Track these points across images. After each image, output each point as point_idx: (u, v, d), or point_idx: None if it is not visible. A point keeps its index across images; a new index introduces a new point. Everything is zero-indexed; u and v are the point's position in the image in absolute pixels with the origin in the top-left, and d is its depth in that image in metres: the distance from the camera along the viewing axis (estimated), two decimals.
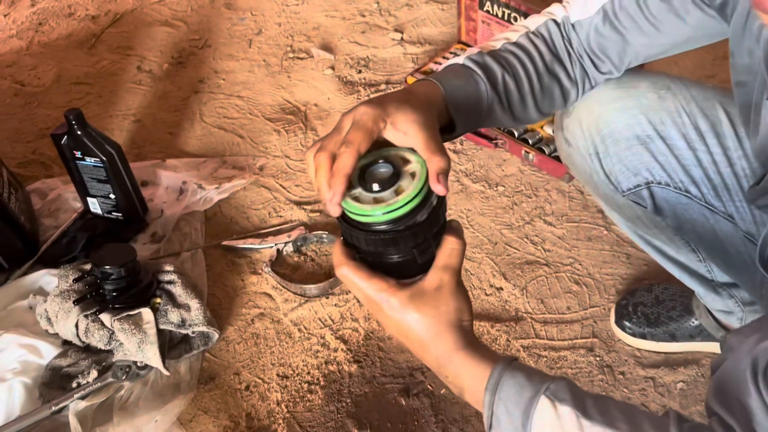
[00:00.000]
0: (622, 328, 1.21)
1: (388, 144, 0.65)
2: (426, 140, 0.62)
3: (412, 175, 0.61)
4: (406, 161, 0.63)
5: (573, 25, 0.83)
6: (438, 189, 0.60)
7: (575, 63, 0.84)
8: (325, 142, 0.64)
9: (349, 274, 0.63)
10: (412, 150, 0.63)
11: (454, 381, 0.64)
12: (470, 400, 0.64)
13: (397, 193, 0.60)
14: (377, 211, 0.60)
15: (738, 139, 0.86)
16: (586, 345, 1.22)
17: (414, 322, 0.62)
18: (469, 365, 0.62)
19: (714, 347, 1.18)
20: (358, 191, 0.62)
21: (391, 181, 0.61)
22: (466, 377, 0.63)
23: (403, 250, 0.62)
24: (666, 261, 1.06)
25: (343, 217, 0.63)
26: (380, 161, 0.63)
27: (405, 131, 0.63)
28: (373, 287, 0.62)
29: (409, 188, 0.60)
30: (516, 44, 0.82)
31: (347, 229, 0.62)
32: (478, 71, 0.78)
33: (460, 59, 0.80)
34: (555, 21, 0.84)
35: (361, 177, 0.63)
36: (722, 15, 0.74)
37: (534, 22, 0.84)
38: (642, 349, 1.20)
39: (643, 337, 1.19)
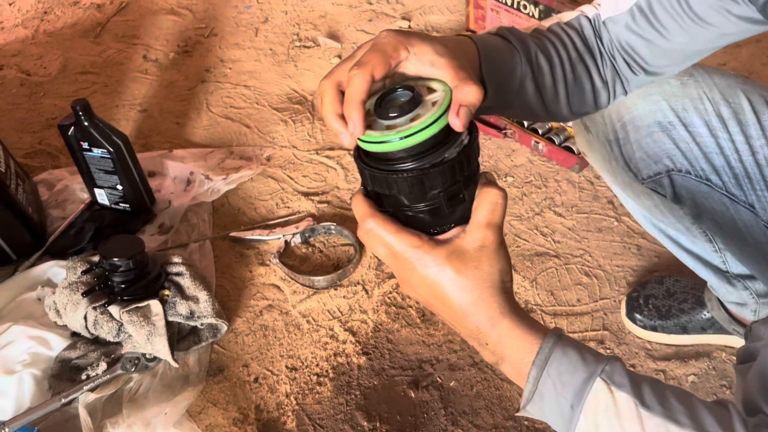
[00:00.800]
0: (633, 320, 1.20)
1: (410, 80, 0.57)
2: (457, 69, 0.55)
3: (434, 104, 0.54)
4: (431, 90, 0.56)
5: (604, 23, 0.79)
6: (454, 122, 0.53)
7: (606, 62, 0.81)
8: (335, 68, 0.57)
9: (375, 227, 0.56)
10: (442, 81, 0.56)
11: (493, 348, 0.59)
12: (508, 371, 0.60)
13: (413, 120, 0.53)
14: (390, 137, 0.53)
15: (761, 128, 0.84)
16: (596, 337, 1.21)
17: (453, 285, 0.56)
18: (515, 334, 0.58)
19: (726, 340, 1.17)
20: (372, 119, 0.55)
21: (408, 108, 0.54)
22: (509, 347, 0.58)
23: (431, 197, 0.55)
24: (680, 251, 1.05)
25: (361, 159, 0.56)
26: (399, 89, 0.55)
27: (432, 62, 0.56)
28: (404, 242, 0.56)
29: (426, 115, 0.53)
30: (549, 30, 0.79)
31: (367, 173, 0.56)
32: (514, 41, 0.73)
33: (492, 29, 0.74)
34: (586, 16, 0.81)
35: (377, 106, 0.56)
36: (764, 13, 0.70)
37: (565, 15, 0.82)
38: (653, 342, 1.19)
39: (654, 329, 1.19)
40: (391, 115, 0.54)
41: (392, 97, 0.56)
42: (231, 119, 1.72)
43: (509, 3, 1.63)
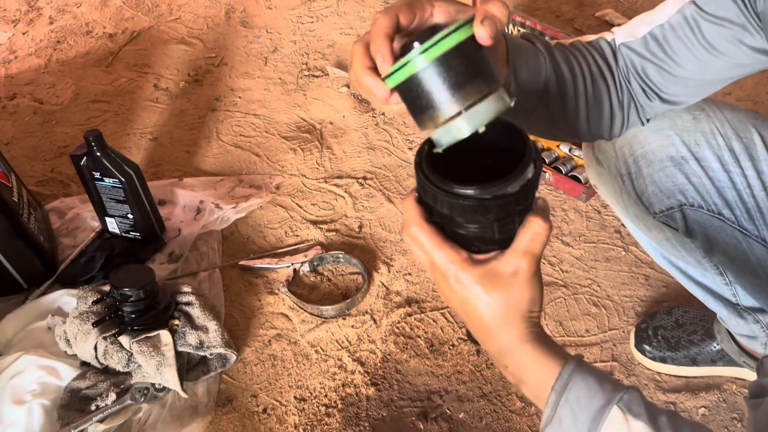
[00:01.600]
0: (642, 351, 1.20)
1: None
2: (483, 3, 0.56)
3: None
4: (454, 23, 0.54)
5: (618, 47, 0.81)
6: (479, 32, 0.52)
7: (621, 85, 0.81)
8: (363, 35, 0.58)
9: (420, 235, 0.58)
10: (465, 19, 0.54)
11: (513, 371, 0.61)
12: (528, 393, 0.62)
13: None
14: (413, 55, 0.50)
15: None
16: (605, 369, 1.21)
17: (481, 304, 0.58)
18: (535, 360, 0.60)
19: (736, 372, 1.16)
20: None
21: (429, 35, 0.51)
22: (529, 371, 0.60)
23: (482, 221, 0.56)
24: (690, 283, 1.05)
25: (422, 170, 0.57)
26: (421, 32, 0.55)
27: (458, 10, 0.56)
28: (444, 256, 0.58)
29: (447, 28, 0.50)
30: (572, 45, 0.80)
31: (424, 184, 0.56)
32: (539, 45, 0.75)
33: (517, 34, 0.77)
34: (606, 40, 0.82)
35: (401, 52, 0.54)
36: None
37: (586, 37, 0.83)
38: (662, 373, 1.19)
39: (663, 361, 1.18)
40: (413, 46, 0.52)
41: (414, 37, 0.54)
42: (241, 148, 1.74)
43: (515, 34, 1.65)
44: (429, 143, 0.58)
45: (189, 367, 1.21)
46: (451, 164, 0.59)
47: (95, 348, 1.18)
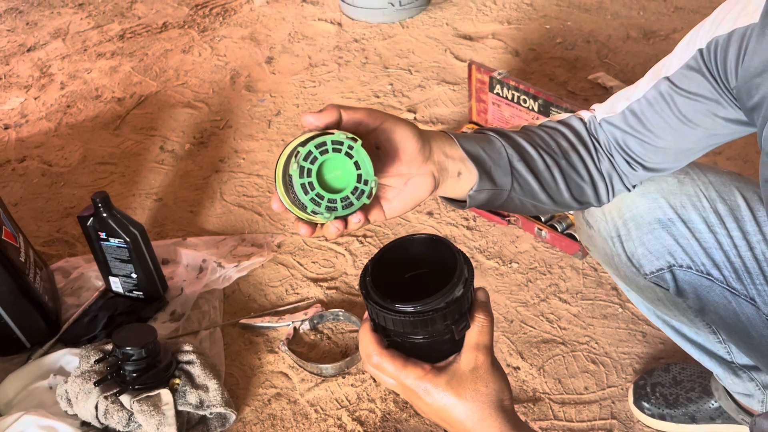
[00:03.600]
0: (641, 409, 1.20)
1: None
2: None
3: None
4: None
5: (600, 123, 0.85)
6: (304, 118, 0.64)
7: (602, 157, 0.85)
8: None
9: (383, 363, 0.62)
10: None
11: None
12: None
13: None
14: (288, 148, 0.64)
15: (757, 224, 0.88)
16: (605, 426, 1.21)
17: (455, 408, 0.61)
18: None
19: (735, 429, 1.16)
20: None
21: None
22: None
23: (431, 331, 0.61)
24: (685, 342, 1.07)
25: (370, 297, 0.62)
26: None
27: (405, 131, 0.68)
28: (411, 375, 0.62)
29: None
30: (539, 126, 0.84)
31: (375, 310, 0.61)
32: (486, 131, 0.79)
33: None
34: (580, 119, 0.86)
35: None
36: (750, 118, 0.74)
37: (558, 116, 0.88)
38: (662, 431, 1.19)
39: (663, 418, 1.18)
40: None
41: None
42: (243, 207, 1.78)
43: (510, 97, 1.71)
44: (371, 265, 0.64)
45: (189, 426, 1.21)
46: (399, 278, 0.65)
47: (96, 407, 1.19)
